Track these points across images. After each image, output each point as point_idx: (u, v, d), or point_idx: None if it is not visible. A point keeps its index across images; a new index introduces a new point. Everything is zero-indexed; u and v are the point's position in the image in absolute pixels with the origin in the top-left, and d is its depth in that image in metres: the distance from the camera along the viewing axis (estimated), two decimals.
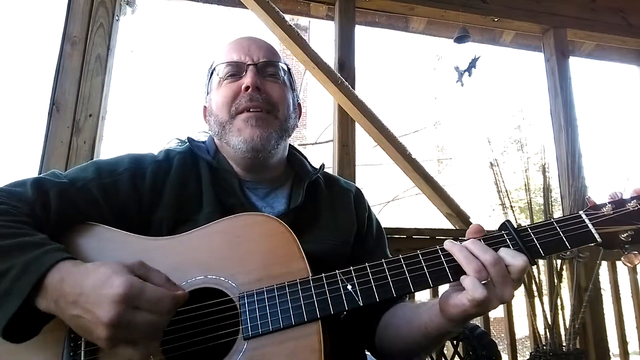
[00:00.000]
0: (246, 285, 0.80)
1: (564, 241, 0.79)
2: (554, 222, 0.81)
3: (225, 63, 1.03)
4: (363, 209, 1.15)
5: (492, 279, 0.74)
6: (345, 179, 1.24)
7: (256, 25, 2.60)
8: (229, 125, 1.00)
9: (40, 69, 8.73)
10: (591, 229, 0.80)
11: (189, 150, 1.06)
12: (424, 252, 0.81)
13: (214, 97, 1.05)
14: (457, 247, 0.78)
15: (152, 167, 0.98)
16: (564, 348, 2.32)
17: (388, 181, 9.71)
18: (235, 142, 0.99)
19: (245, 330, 0.76)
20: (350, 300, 0.77)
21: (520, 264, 0.75)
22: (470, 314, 0.75)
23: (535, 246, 0.79)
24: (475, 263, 0.75)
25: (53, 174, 0.92)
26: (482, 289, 0.72)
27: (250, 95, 0.99)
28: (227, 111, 1.00)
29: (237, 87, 1.01)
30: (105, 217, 0.90)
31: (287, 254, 0.83)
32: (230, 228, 0.87)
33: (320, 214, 1.07)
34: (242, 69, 1.02)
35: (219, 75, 1.04)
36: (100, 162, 0.98)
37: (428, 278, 0.79)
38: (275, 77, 1.05)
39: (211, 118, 1.05)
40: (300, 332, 0.76)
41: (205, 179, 1.00)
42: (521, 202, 7.53)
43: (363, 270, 0.80)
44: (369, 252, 1.11)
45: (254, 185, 1.06)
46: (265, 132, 0.99)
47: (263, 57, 1.04)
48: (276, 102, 1.02)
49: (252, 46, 1.05)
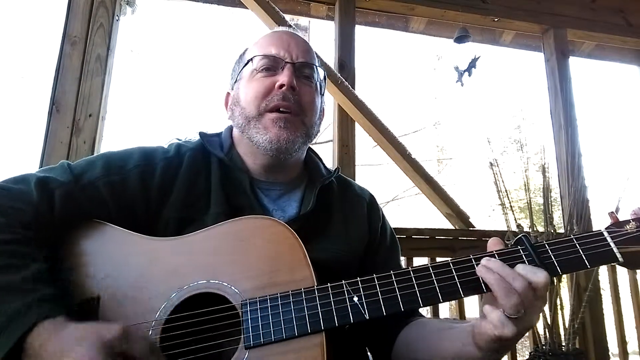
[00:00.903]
0: (249, 292, 0.78)
1: (584, 260, 0.75)
2: (574, 238, 0.77)
3: (262, 55, 1.00)
4: (377, 219, 1.12)
5: (525, 305, 0.70)
6: (359, 185, 1.20)
7: (256, 25, 2.60)
8: (255, 121, 0.97)
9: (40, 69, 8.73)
10: (613, 247, 0.76)
11: (201, 146, 1.02)
12: (434, 266, 0.78)
13: (243, 87, 1.01)
14: (494, 278, 0.72)
15: (162, 164, 0.95)
16: (564, 348, 2.32)
17: (388, 181, 9.71)
18: (259, 139, 0.96)
19: (247, 340, 0.75)
20: (356, 313, 0.75)
21: (542, 279, 0.71)
22: (504, 345, 0.72)
23: (552, 264, 0.75)
24: (514, 298, 0.69)
25: (62, 167, 0.90)
26: (511, 325, 0.69)
27: (283, 94, 0.96)
28: (257, 106, 0.97)
29: (270, 83, 0.97)
30: (112, 214, 0.89)
31: (292, 261, 0.80)
32: (235, 231, 0.85)
33: (331, 222, 1.03)
34: (279, 65, 0.99)
35: (254, 66, 1.00)
36: (109, 157, 0.95)
37: (438, 293, 0.75)
38: (309, 80, 1.02)
39: (236, 108, 1.01)
40: (303, 344, 0.74)
41: (215, 177, 0.97)
42: (521, 202, 7.53)
43: (370, 282, 0.77)
44: (381, 263, 1.07)
45: (267, 186, 1.03)
46: (292, 135, 0.96)
47: (302, 57, 1.01)
48: (306, 107, 0.99)
49: (292, 43, 1.02)
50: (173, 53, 11.07)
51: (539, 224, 2.51)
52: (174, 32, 10.90)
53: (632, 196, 2.32)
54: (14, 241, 0.75)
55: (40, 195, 0.82)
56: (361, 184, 1.22)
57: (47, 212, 0.82)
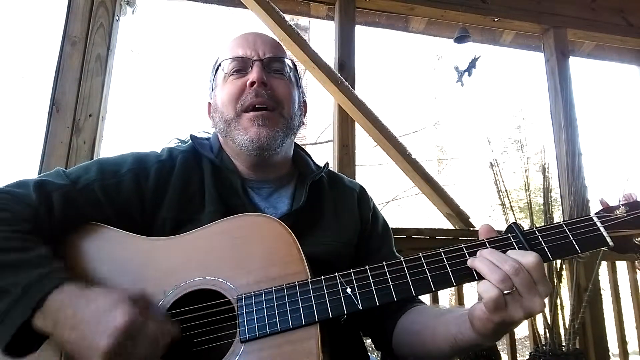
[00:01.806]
0: (245, 287, 0.80)
1: (574, 245, 0.76)
2: (563, 224, 0.78)
3: (230, 59, 1.02)
4: (367, 208, 1.14)
5: (517, 288, 0.71)
6: (349, 178, 1.22)
7: (256, 25, 2.60)
8: (234, 122, 0.99)
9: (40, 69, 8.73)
10: (603, 232, 0.76)
11: (192, 149, 1.05)
12: (426, 255, 0.79)
13: (219, 94, 1.03)
14: (478, 260, 0.75)
15: (156, 167, 0.97)
16: (564, 348, 2.32)
17: (388, 181, 9.70)
18: (241, 140, 0.98)
19: (242, 333, 0.76)
20: (349, 304, 0.76)
21: (532, 260, 0.71)
22: (497, 323, 0.72)
23: (543, 249, 0.76)
24: (498, 273, 0.71)
25: (57, 173, 0.92)
26: (493, 289, 0.70)
27: (256, 91, 0.97)
28: (233, 108, 0.99)
29: (242, 83, 0.99)
30: (108, 217, 0.90)
31: (286, 255, 0.82)
32: (230, 229, 0.86)
33: (323, 215, 1.05)
34: (248, 65, 1.00)
35: (224, 71, 1.02)
36: (103, 162, 0.97)
37: (430, 282, 0.77)
38: (281, 73, 1.04)
39: (216, 115, 1.03)
40: (298, 336, 0.75)
41: (208, 178, 0.99)
42: (521, 202, 7.52)
43: (363, 273, 0.79)
44: (375, 251, 1.09)
45: (257, 185, 1.05)
46: (272, 131, 0.97)
47: (269, 53, 1.02)
48: (281, 99, 1.01)
49: (257, 41, 1.03)
50: (173, 53, 11.06)
51: (539, 224, 2.51)
52: (174, 32, 10.89)
53: None
54: (20, 231, 0.79)
55: (39, 198, 0.83)
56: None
57: (46, 213, 0.83)
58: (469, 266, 0.76)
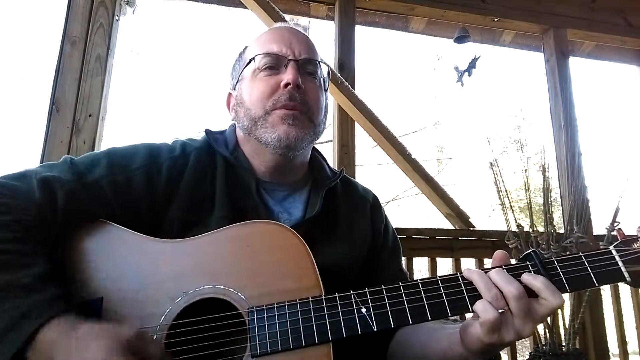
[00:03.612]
0: (255, 299, 0.77)
1: (592, 278, 0.76)
2: (582, 256, 0.78)
3: (264, 53, 0.97)
4: (379, 220, 1.11)
5: (513, 312, 0.71)
6: (363, 186, 1.19)
7: (256, 25, 2.60)
8: (262, 120, 0.95)
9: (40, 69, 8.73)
10: (621, 267, 0.76)
11: (206, 144, 1.00)
12: (443, 279, 0.77)
13: (246, 88, 0.99)
14: (477, 273, 0.75)
15: (168, 164, 0.93)
16: (564, 348, 2.32)
17: (388, 181, 9.71)
18: (268, 138, 0.94)
19: (253, 348, 0.74)
20: (364, 325, 0.74)
21: (556, 302, 0.71)
22: (486, 344, 0.72)
23: (561, 281, 0.75)
24: (494, 291, 0.72)
25: (64, 163, 0.87)
26: (493, 311, 0.70)
27: (289, 93, 0.93)
28: (262, 107, 0.95)
29: (275, 82, 0.95)
30: (115, 214, 0.86)
31: (300, 268, 0.80)
32: (241, 236, 0.83)
33: (337, 225, 1.02)
34: (282, 63, 0.96)
35: (256, 65, 0.97)
36: (113, 154, 0.92)
37: (446, 307, 0.75)
38: (313, 77, 1.00)
39: (241, 109, 0.99)
40: (310, 354, 0.73)
41: (220, 177, 0.96)
42: (521, 202, 7.53)
43: (379, 294, 0.76)
44: (383, 266, 1.07)
45: (271, 187, 1.01)
46: (301, 132, 0.94)
47: (305, 54, 0.98)
48: (312, 104, 0.97)
49: (293, 39, 0.99)
50: (173, 53, 11.06)
51: (539, 224, 2.51)
52: (174, 32, 10.89)
53: (632, 196, 2.32)
54: (17, 240, 0.73)
55: (43, 196, 0.79)
56: (374, 192, 1.20)
57: (50, 212, 0.80)
58: (465, 276, 0.76)
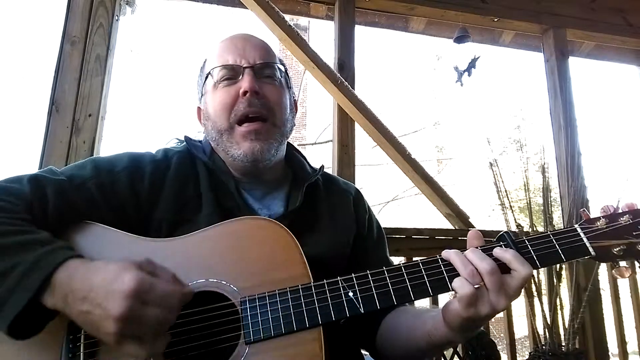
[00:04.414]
0: (248, 290, 0.80)
1: (560, 253, 0.82)
2: (550, 234, 0.84)
3: (220, 66, 1.00)
4: (363, 211, 1.14)
5: (487, 286, 0.75)
6: (344, 180, 1.22)
7: (256, 25, 2.60)
8: (227, 134, 0.98)
9: (40, 69, 8.73)
10: (586, 242, 0.83)
11: (187, 150, 1.04)
12: (424, 261, 0.82)
13: (209, 101, 1.02)
14: (454, 252, 0.80)
15: (151, 167, 0.97)
16: (563, 348, 2.32)
17: (388, 181, 9.71)
18: (234, 153, 0.98)
19: (247, 335, 0.77)
20: (351, 307, 0.79)
21: (526, 272, 0.76)
22: (464, 318, 0.76)
23: (532, 258, 0.81)
24: (469, 267, 0.76)
25: (50, 171, 0.90)
26: (469, 286, 0.74)
27: (248, 101, 0.96)
28: (226, 118, 0.98)
29: (234, 91, 0.98)
30: (104, 216, 0.89)
31: (288, 258, 0.83)
32: (231, 231, 0.87)
33: (319, 217, 1.05)
34: (239, 72, 0.99)
35: (214, 79, 1.01)
36: (98, 160, 0.96)
37: (428, 287, 0.80)
38: (272, 79, 1.02)
39: (208, 122, 1.03)
40: (302, 338, 0.77)
41: (204, 179, 0.99)
42: (521, 202, 7.52)
43: (364, 278, 0.81)
44: (370, 254, 1.10)
45: (250, 187, 1.04)
46: (265, 144, 0.97)
47: (259, 59, 1.00)
48: (274, 107, 1.00)
49: (247, 47, 1.01)
50: (173, 53, 11.06)
51: (538, 224, 2.52)
52: (174, 32, 10.90)
53: (631, 196, 2.32)
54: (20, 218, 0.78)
55: (33, 192, 0.82)
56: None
57: (40, 208, 0.82)
58: (444, 257, 0.81)
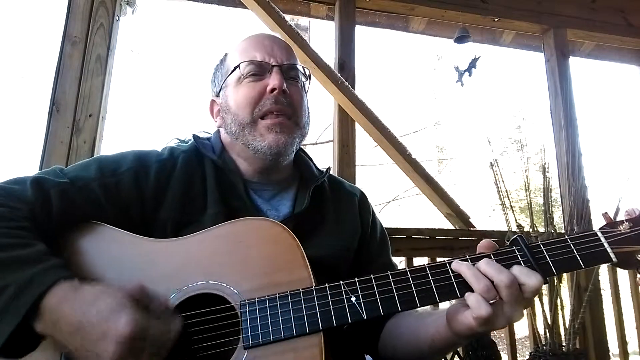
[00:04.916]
0: (248, 293, 0.79)
1: (578, 260, 0.77)
2: (568, 239, 0.78)
3: (248, 61, 1.00)
4: (367, 214, 1.14)
5: (504, 300, 0.73)
6: (349, 183, 1.23)
7: (256, 25, 2.60)
8: (249, 127, 0.98)
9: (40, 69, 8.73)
10: (607, 248, 0.77)
11: (194, 149, 1.03)
12: (431, 266, 0.79)
13: (232, 95, 1.02)
14: (465, 265, 0.76)
15: (156, 166, 0.96)
16: (564, 348, 2.32)
17: (388, 181, 9.71)
18: (257, 146, 0.97)
19: (245, 339, 0.75)
20: (353, 313, 0.76)
21: (535, 283, 0.73)
22: (477, 332, 0.74)
23: (547, 264, 0.77)
24: (484, 282, 0.73)
25: (54, 172, 0.89)
26: (487, 306, 0.71)
27: (275, 98, 0.97)
28: (250, 112, 0.98)
29: (261, 87, 0.99)
30: (108, 216, 0.88)
31: (290, 261, 0.82)
32: (233, 232, 0.85)
33: (324, 219, 1.05)
34: (266, 70, 1.00)
35: (241, 72, 1.01)
36: (102, 160, 0.95)
37: (435, 293, 0.76)
38: (296, 81, 1.04)
39: (227, 116, 1.02)
40: (302, 344, 0.74)
41: (210, 179, 0.98)
42: (521, 202, 7.53)
43: (368, 282, 0.78)
44: (373, 257, 1.09)
45: (259, 187, 1.04)
46: (290, 138, 0.98)
47: (286, 60, 1.02)
48: (297, 107, 1.01)
49: (274, 46, 1.03)
50: (173, 53, 11.07)
51: (539, 224, 2.51)
52: (174, 32, 10.90)
53: (632, 196, 2.32)
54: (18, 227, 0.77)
55: (36, 195, 0.81)
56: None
57: (43, 211, 0.81)
58: (454, 269, 0.77)
